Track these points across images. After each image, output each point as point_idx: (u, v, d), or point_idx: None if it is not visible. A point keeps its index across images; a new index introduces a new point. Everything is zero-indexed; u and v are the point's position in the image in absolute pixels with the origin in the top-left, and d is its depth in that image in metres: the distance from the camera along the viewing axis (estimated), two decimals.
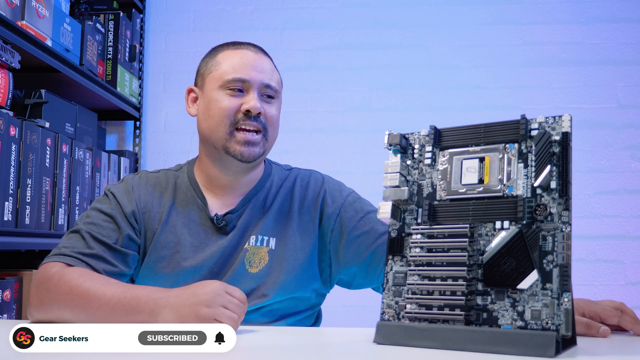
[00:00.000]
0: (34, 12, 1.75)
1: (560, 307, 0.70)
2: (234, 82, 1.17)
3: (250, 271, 1.16)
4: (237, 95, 1.17)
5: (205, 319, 0.87)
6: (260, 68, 1.19)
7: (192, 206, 1.20)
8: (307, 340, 0.92)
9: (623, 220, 2.47)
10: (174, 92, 2.65)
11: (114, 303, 0.95)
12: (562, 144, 0.75)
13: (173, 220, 1.19)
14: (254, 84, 1.17)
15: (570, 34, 2.55)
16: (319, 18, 2.63)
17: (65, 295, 0.99)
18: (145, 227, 1.18)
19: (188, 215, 1.20)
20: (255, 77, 1.17)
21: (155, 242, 1.17)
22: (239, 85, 1.17)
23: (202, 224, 1.19)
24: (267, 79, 1.19)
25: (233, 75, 1.17)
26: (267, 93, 1.19)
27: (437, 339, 0.76)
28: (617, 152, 2.49)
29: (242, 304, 0.91)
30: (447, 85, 2.56)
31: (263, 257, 1.17)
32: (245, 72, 1.17)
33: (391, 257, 0.84)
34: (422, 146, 0.86)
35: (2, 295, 1.54)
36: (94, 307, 0.96)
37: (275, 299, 1.15)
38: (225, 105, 1.16)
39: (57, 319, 0.99)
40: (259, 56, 1.21)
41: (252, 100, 1.16)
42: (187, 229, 1.18)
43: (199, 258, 1.16)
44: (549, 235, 0.73)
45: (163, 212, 1.19)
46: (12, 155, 1.59)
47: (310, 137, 2.57)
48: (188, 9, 2.68)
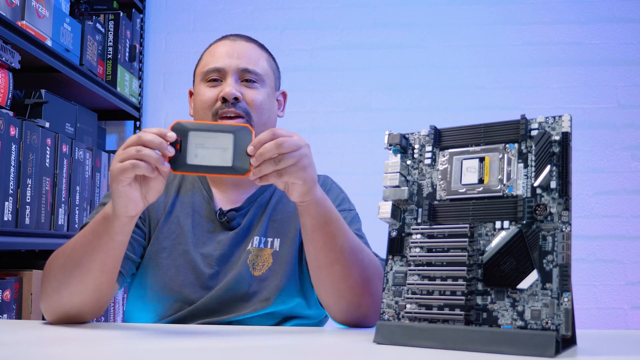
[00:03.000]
0: (34, 12, 1.75)
1: (560, 307, 0.70)
2: (210, 72, 1.17)
3: (254, 274, 1.13)
4: (216, 85, 1.17)
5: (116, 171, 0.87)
6: (237, 54, 1.18)
7: (198, 197, 1.19)
8: (307, 340, 0.92)
9: (623, 220, 2.47)
10: (174, 92, 2.65)
11: (86, 232, 0.97)
12: (562, 144, 0.75)
13: (177, 211, 1.18)
14: (229, 70, 1.16)
15: (570, 34, 2.55)
16: (319, 18, 2.63)
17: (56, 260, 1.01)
18: (150, 216, 1.17)
19: (192, 206, 1.18)
20: (230, 63, 1.17)
21: (158, 232, 1.16)
22: (214, 75, 1.17)
23: (207, 217, 1.18)
24: (245, 64, 1.17)
25: (208, 66, 1.18)
26: (247, 77, 1.17)
27: (437, 339, 0.76)
28: (617, 152, 2.50)
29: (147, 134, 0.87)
30: (447, 85, 2.56)
31: (267, 259, 1.14)
32: (219, 61, 1.17)
33: (391, 257, 0.84)
34: (422, 146, 0.86)
35: (2, 295, 1.54)
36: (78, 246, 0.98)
37: (277, 303, 1.11)
38: (206, 96, 1.17)
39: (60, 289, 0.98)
40: (237, 43, 1.20)
41: (228, 86, 1.15)
42: (190, 219, 1.17)
43: (200, 252, 1.14)
44: (549, 235, 0.73)
45: (168, 202, 1.18)
46: (12, 155, 1.59)
47: (310, 137, 2.56)
48: (188, 9, 2.68)
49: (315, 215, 0.97)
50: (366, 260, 1.03)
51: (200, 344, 0.83)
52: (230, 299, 1.11)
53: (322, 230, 0.98)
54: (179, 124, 0.89)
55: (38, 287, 1.64)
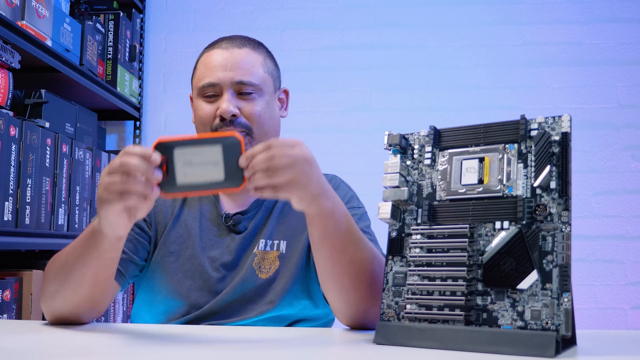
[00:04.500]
0: (34, 12, 1.75)
1: (560, 307, 0.70)
2: (205, 88, 1.14)
3: (261, 277, 1.12)
4: (213, 100, 1.14)
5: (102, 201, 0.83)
6: (230, 65, 1.13)
7: (205, 201, 1.19)
8: (307, 340, 0.92)
9: (623, 220, 2.47)
10: (174, 92, 2.65)
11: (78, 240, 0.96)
12: (562, 144, 0.75)
13: (185, 215, 1.17)
14: (225, 85, 1.12)
15: (570, 34, 2.55)
16: (319, 18, 2.63)
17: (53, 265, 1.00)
18: (157, 221, 1.16)
19: (200, 210, 1.18)
20: (224, 77, 1.12)
21: (165, 237, 1.15)
22: (210, 91, 1.13)
23: (214, 220, 1.17)
24: (240, 76, 1.12)
25: (203, 81, 1.14)
26: (244, 90, 1.13)
27: (437, 339, 0.76)
28: (617, 152, 2.50)
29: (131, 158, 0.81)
30: (447, 85, 2.56)
31: (273, 262, 1.13)
32: (213, 75, 1.13)
33: (391, 257, 0.84)
34: (422, 146, 0.86)
35: (2, 295, 1.54)
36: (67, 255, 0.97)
37: (282, 305, 1.11)
38: (203, 113, 1.14)
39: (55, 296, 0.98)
40: (230, 52, 1.15)
41: (224, 102, 1.11)
42: (198, 223, 1.16)
43: (207, 256, 1.14)
44: (548, 235, 0.73)
45: (175, 206, 1.18)
46: (12, 155, 1.59)
47: (310, 137, 2.56)
48: (188, 9, 2.68)
49: (320, 226, 0.91)
50: (377, 269, 0.96)
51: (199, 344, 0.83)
52: (237, 302, 1.10)
53: (329, 242, 0.92)
54: (162, 143, 0.82)
55: (38, 287, 1.64)
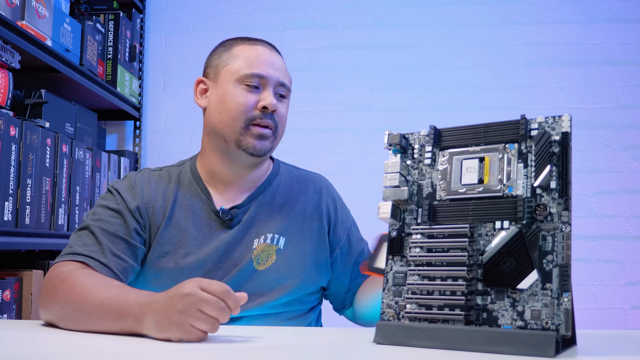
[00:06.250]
0: (34, 12, 1.75)
1: (560, 307, 0.70)
2: (252, 77, 1.17)
3: (258, 268, 1.16)
4: (254, 91, 1.17)
5: (180, 325, 0.82)
6: (276, 65, 1.19)
7: (196, 199, 1.20)
8: (307, 340, 0.92)
9: (623, 220, 2.47)
10: (174, 92, 2.65)
11: (106, 305, 0.92)
12: (562, 144, 0.75)
13: (177, 216, 1.18)
14: (271, 80, 1.17)
15: (570, 34, 2.55)
16: (319, 18, 2.63)
17: (67, 293, 0.98)
18: (150, 223, 1.17)
19: (192, 208, 1.19)
20: (272, 74, 1.18)
21: (159, 238, 1.16)
22: (255, 81, 1.17)
23: (206, 218, 1.19)
24: (282, 77, 1.19)
25: (251, 71, 1.17)
26: (280, 92, 1.20)
27: (437, 339, 0.76)
28: (617, 152, 2.50)
29: (222, 297, 0.83)
30: (447, 85, 2.56)
31: (271, 255, 1.18)
32: (262, 68, 1.17)
33: (391, 257, 0.84)
34: (422, 146, 0.86)
35: (2, 295, 1.54)
36: (90, 307, 0.94)
37: (277, 299, 1.16)
38: (242, 100, 1.16)
39: (57, 317, 0.98)
40: (274, 54, 1.21)
41: (269, 97, 1.16)
42: (191, 222, 1.18)
43: (202, 253, 1.16)
44: (548, 235, 0.73)
45: (167, 207, 1.19)
46: (12, 155, 1.59)
47: (310, 137, 2.57)
48: (188, 9, 2.68)
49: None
50: None
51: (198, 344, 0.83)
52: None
53: None
54: None
55: (38, 287, 1.64)
